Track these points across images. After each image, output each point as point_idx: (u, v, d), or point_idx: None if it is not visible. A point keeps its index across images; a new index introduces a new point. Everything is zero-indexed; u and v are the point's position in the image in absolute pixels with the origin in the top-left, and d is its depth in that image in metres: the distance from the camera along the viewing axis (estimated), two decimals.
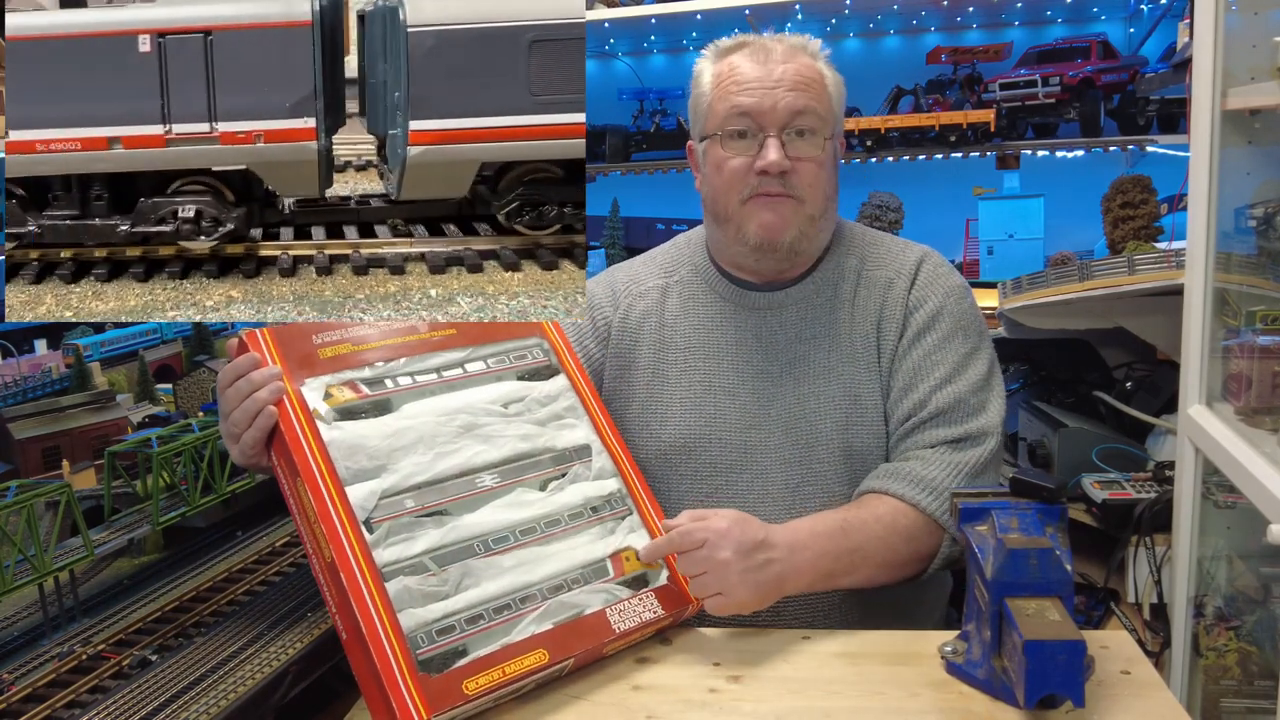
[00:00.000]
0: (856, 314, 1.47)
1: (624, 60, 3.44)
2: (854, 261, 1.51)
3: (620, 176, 3.16)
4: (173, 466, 1.68)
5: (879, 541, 1.32)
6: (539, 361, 1.37)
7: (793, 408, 1.45)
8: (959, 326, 1.46)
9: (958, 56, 2.85)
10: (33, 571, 1.41)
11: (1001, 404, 1.45)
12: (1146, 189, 2.30)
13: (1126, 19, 3.01)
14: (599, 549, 1.24)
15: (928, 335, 1.45)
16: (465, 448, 1.22)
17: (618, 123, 3.18)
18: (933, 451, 1.40)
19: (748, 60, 1.43)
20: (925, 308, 1.46)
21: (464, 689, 1.06)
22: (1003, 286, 2.25)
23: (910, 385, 1.43)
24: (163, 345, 2.52)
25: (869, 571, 1.33)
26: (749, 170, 1.41)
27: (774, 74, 1.40)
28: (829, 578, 1.30)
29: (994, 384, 1.46)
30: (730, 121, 1.41)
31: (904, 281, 1.48)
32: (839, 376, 1.45)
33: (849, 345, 1.46)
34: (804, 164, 1.40)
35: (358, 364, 1.24)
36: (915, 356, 1.44)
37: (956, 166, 2.87)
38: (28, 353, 2.33)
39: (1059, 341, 2.30)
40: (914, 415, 1.42)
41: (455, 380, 1.28)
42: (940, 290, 1.48)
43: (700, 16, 2.93)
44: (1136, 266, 1.84)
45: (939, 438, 1.40)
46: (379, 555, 1.11)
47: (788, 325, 1.49)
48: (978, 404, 1.42)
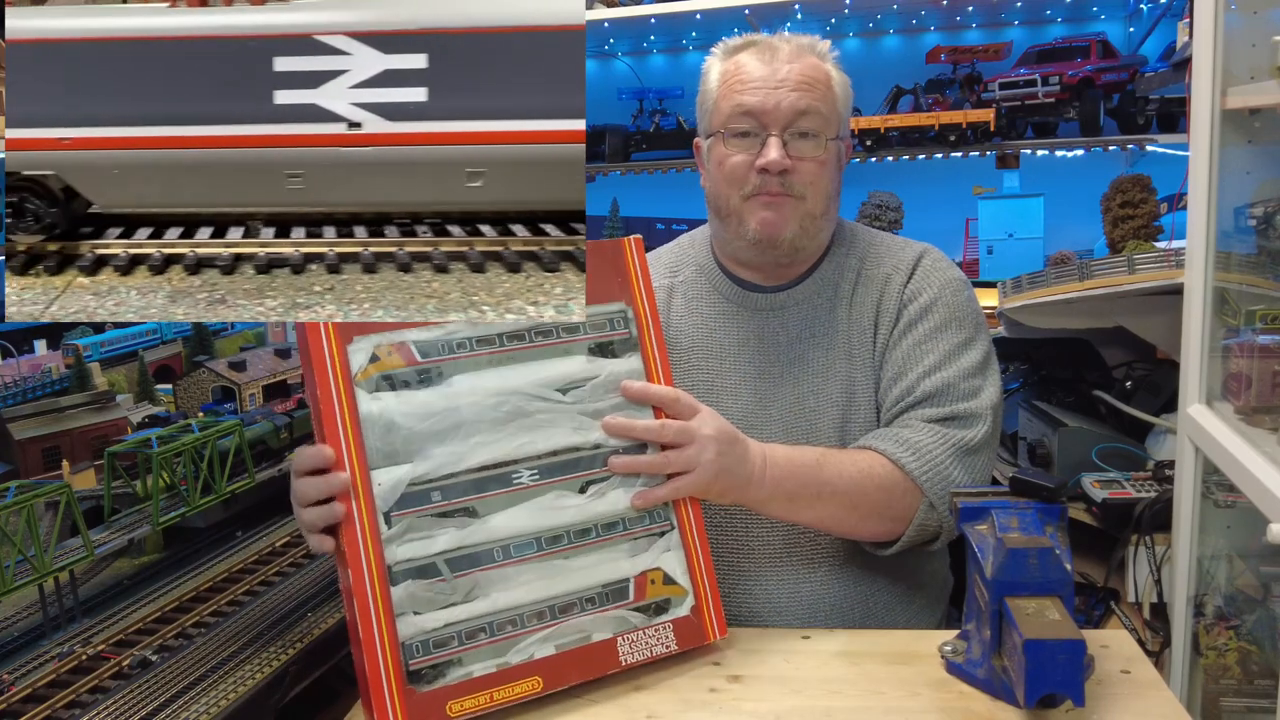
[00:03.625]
0: (854, 311, 1.48)
1: (623, 60, 3.44)
2: (854, 261, 1.51)
3: (620, 176, 3.16)
4: (172, 467, 1.68)
5: (851, 482, 1.31)
6: (619, 334, 1.24)
7: (792, 406, 1.46)
8: (953, 317, 1.45)
9: (957, 56, 2.85)
10: (33, 572, 1.41)
11: (995, 392, 1.43)
12: (1146, 188, 2.31)
13: (1126, 18, 3.01)
14: (624, 568, 1.18)
15: (919, 325, 1.44)
16: (508, 437, 1.14)
17: (617, 122, 3.18)
18: (921, 423, 1.39)
19: (754, 59, 1.43)
20: (920, 299, 1.46)
21: (448, 710, 1.04)
22: (1002, 286, 2.25)
23: (900, 373, 1.43)
24: (162, 345, 2.52)
25: (834, 509, 1.32)
26: (750, 168, 1.41)
27: (779, 73, 1.41)
28: (791, 499, 1.29)
29: (988, 374, 1.45)
30: (734, 120, 1.42)
31: (901, 276, 1.48)
32: (836, 374, 1.45)
33: (846, 343, 1.47)
34: (805, 163, 1.41)
35: (417, 323, 1.13)
36: (906, 345, 1.44)
37: (956, 166, 2.87)
38: (28, 353, 2.33)
39: (1059, 341, 2.30)
40: (901, 400, 1.42)
41: (517, 350, 1.17)
42: (936, 282, 1.47)
43: (700, 16, 2.93)
44: (1136, 266, 1.84)
45: (926, 416, 1.39)
46: (391, 552, 1.07)
47: (789, 326, 1.49)
48: (969, 389, 1.41)
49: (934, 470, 1.34)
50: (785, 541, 1.44)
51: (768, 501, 1.29)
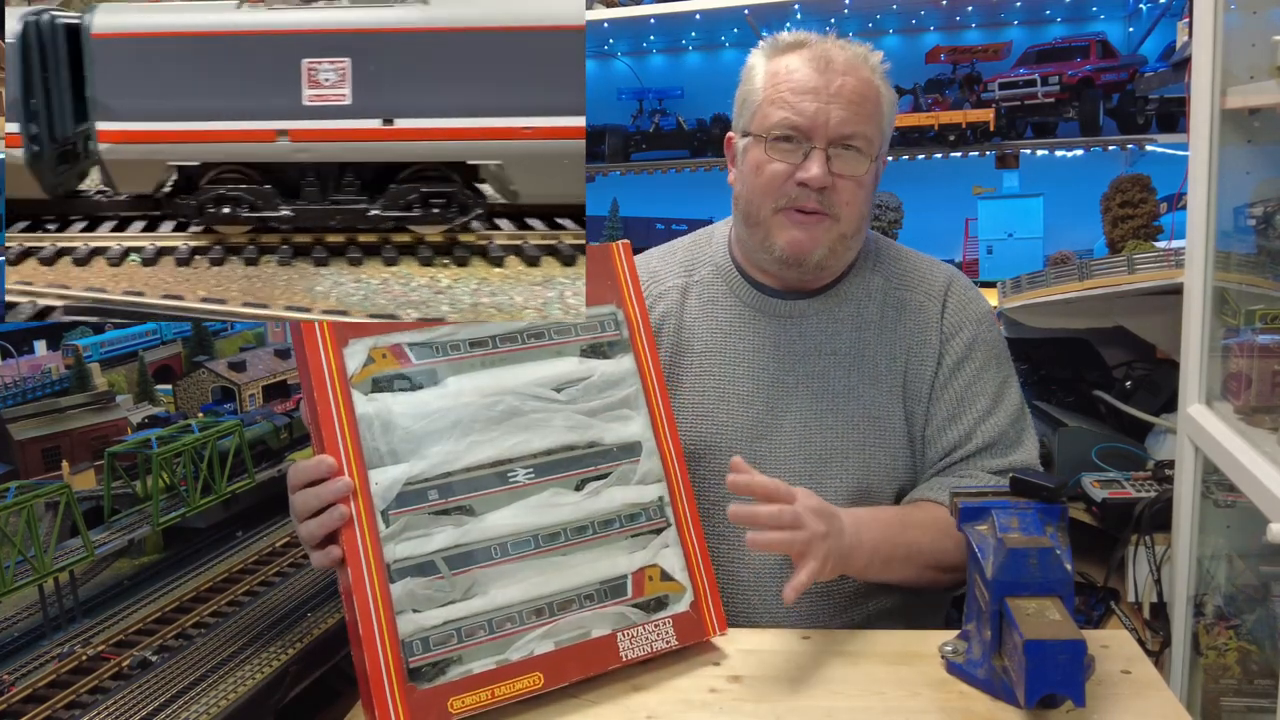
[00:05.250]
0: (884, 336, 1.46)
1: (623, 60, 3.44)
2: (879, 280, 1.50)
3: (620, 176, 3.16)
4: (172, 467, 1.68)
5: (931, 542, 1.34)
6: (609, 335, 1.26)
7: (809, 422, 1.44)
8: (993, 355, 1.48)
9: (957, 56, 2.85)
10: (33, 572, 1.41)
11: (1034, 436, 1.49)
12: (1146, 188, 2.31)
13: (1126, 18, 3.01)
14: (622, 564, 1.18)
15: (966, 365, 1.46)
16: (504, 436, 1.15)
17: (617, 122, 3.18)
18: (985, 474, 1.42)
19: (807, 65, 1.38)
20: (960, 336, 1.47)
21: (449, 707, 1.04)
22: (1002, 286, 2.25)
23: (954, 416, 1.45)
24: (162, 346, 2.52)
25: (918, 569, 1.34)
26: (788, 178, 1.37)
27: (832, 85, 1.36)
28: (886, 563, 1.31)
29: (1026, 414, 1.50)
30: (778, 127, 1.37)
31: (935, 306, 1.48)
32: (859, 397, 1.44)
33: (873, 368, 1.45)
34: (844, 181, 1.37)
35: (411, 325, 1.15)
36: (957, 387, 1.45)
37: (956, 166, 2.87)
38: (27, 353, 2.32)
39: (1059, 341, 2.30)
40: (960, 447, 1.44)
41: (510, 353, 1.18)
42: (973, 317, 1.49)
43: (699, 16, 2.93)
44: (1136, 265, 1.84)
45: (988, 468, 1.43)
46: (390, 550, 1.07)
47: (807, 336, 1.47)
48: (1016, 436, 1.46)
49: None
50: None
51: (865, 569, 1.30)
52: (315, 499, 1.08)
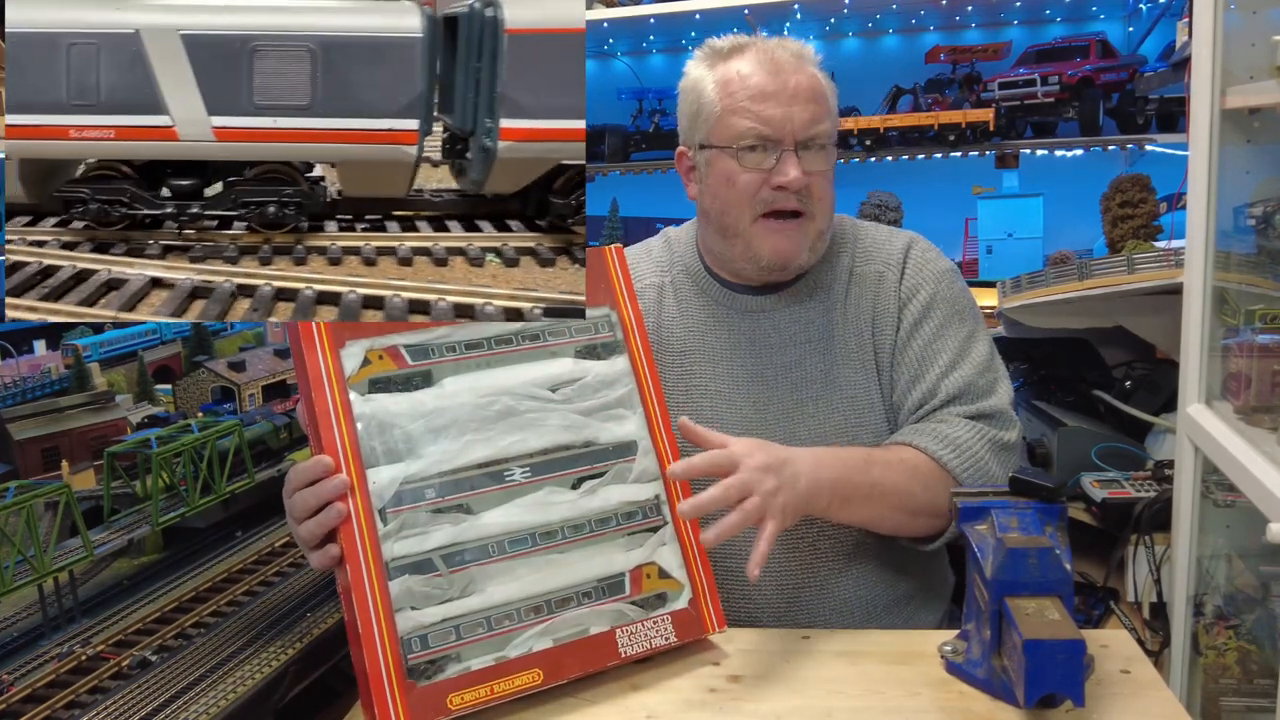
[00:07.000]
0: (849, 314, 1.47)
1: (623, 60, 3.44)
2: (845, 260, 1.51)
3: (619, 176, 3.16)
4: (172, 467, 1.68)
5: (898, 482, 1.32)
6: (603, 337, 1.27)
7: (791, 412, 1.45)
8: (954, 311, 1.46)
9: (957, 56, 2.85)
10: (32, 572, 1.41)
11: (1008, 384, 1.46)
12: (1145, 188, 2.31)
13: (1125, 18, 3.01)
14: (619, 562, 1.18)
15: (925, 324, 1.45)
16: (500, 435, 1.16)
17: (617, 122, 3.18)
18: (957, 418, 1.40)
19: (758, 70, 1.38)
20: (919, 296, 1.46)
21: (448, 703, 1.05)
22: (1002, 286, 2.25)
23: (917, 376, 1.43)
24: (162, 346, 2.52)
25: (884, 510, 1.32)
26: (762, 184, 1.38)
27: (788, 86, 1.37)
28: (846, 502, 1.29)
29: (997, 364, 1.47)
30: (746, 136, 1.37)
31: (894, 273, 1.48)
32: (836, 381, 1.45)
33: (844, 348, 1.46)
34: (816, 178, 1.39)
35: (407, 326, 1.16)
36: (916, 346, 1.44)
37: (955, 166, 2.87)
38: (27, 353, 2.32)
39: (1059, 341, 2.30)
40: (926, 403, 1.42)
41: (506, 354, 1.20)
42: (931, 276, 1.48)
43: (699, 16, 2.93)
44: (1136, 265, 1.84)
45: (959, 413, 1.40)
46: (388, 549, 1.08)
47: (781, 328, 1.48)
48: (986, 385, 1.43)
49: (975, 465, 1.34)
50: (783, 546, 1.43)
51: (827, 508, 1.28)
52: (313, 497, 1.08)
